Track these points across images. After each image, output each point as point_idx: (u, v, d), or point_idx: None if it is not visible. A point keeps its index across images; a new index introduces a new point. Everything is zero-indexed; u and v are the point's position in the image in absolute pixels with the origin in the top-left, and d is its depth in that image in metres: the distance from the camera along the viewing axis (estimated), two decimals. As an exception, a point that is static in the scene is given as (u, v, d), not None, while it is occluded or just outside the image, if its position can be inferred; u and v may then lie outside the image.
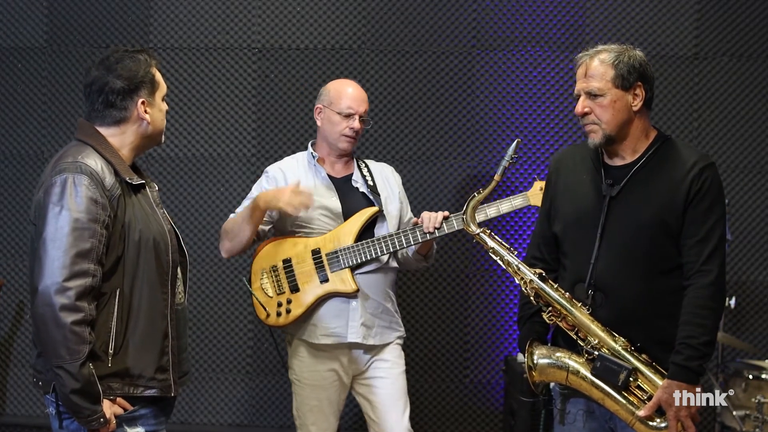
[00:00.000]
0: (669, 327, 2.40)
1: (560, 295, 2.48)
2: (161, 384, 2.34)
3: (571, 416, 2.56)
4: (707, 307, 2.37)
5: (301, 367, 3.15)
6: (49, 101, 4.31)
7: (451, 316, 4.20)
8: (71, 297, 2.15)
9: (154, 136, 2.45)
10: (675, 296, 2.42)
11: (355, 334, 3.10)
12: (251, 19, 4.24)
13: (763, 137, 4.13)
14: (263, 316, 3.12)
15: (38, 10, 4.30)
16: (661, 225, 2.41)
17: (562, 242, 2.58)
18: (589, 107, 2.47)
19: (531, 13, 4.15)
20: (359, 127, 3.21)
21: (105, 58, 2.38)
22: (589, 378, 2.42)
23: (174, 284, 2.41)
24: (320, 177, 3.23)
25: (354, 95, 3.22)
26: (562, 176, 2.63)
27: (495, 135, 4.17)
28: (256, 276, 3.16)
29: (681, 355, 2.34)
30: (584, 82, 2.48)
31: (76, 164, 2.25)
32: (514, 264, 2.56)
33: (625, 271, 2.44)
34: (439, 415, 4.21)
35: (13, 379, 4.33)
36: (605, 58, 2.46)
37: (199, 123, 4.25)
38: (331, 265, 3.11)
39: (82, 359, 2.16)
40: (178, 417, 4.25)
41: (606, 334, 2.42)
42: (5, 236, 4.33)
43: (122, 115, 2.36)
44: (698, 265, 2.39)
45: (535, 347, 2.54)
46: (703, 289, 2.38)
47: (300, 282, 3.11)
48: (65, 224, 2.19)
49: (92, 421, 2.20)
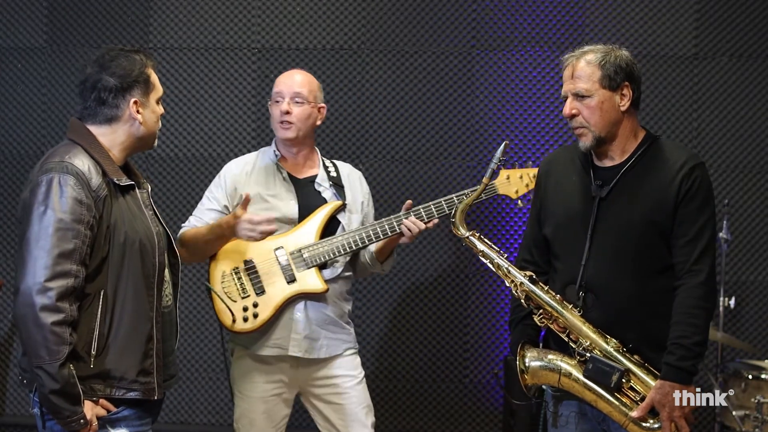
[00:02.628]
0: (661, 327, 2.39)
1: (551, 297, 2.47)
2: (144, 387, 2.32)
3: (564, 419, 2.55)
4: (699, 306, 2.36)
5: (243, 378, 3.00)
6: (48, 101, 4.31)
7: (450, 316, 4.20)
8: (52, 297, 2.14)
9: (146, 139, 2.42)
10: (666, 296, 2.41)
11: (297, 347, 2.94)
12: (251, 19, 4.24)
13: (763, 137, 4.13)
14: (229, 323, 2.90)
15: (38, 10, 4.30)
16: (651, 225, 2.40)
17: (553, 244, 2.57)
18: (576, 109, 2.45)
19: (531, 13, 4.15)
20: (287, 109, 2.97)
21: (101, 56, 2.37)
22: (581, 380, 2.41)
23: (161, 287, 2.39)
24: (279, 178, 3.05)
25: (281, 79, 3.05)
26: (551, 178, 2.61)
27: (495, 135, 4.17)
28: (216, 279, 2.94)
29: (673, 356, 2.33)
30: (571, 83, 2.46)
31: (63, 164, 2.24)
32: (504, 267, 2.55)
33: (615, 272, 2.43)
34: (439, 415, 4.21)
35: (13, 379, 4.33)
36: (592, 59, 2.44)
37: (199, 123, 4.25)
38: (297, 265, 2.95)
39: (62, 360, 2.15)
40: (178, 417, 4.25)
41: (597, 336, 2.41)
42: (5, 236, 4.34)
43: (113, 113, 2.34)
44: (689, 265, 2.38)
45: (527, 350, 2.53)
46: (695, 288, 2.37)
47: (265, 284, 2.93)
48: (49, 224, 2.18)
49: (72, 422, 2.19)
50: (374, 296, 4.20)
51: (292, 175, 3.07)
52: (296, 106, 3.00)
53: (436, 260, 4.18)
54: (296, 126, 3.00)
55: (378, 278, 4.18)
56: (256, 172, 3.07)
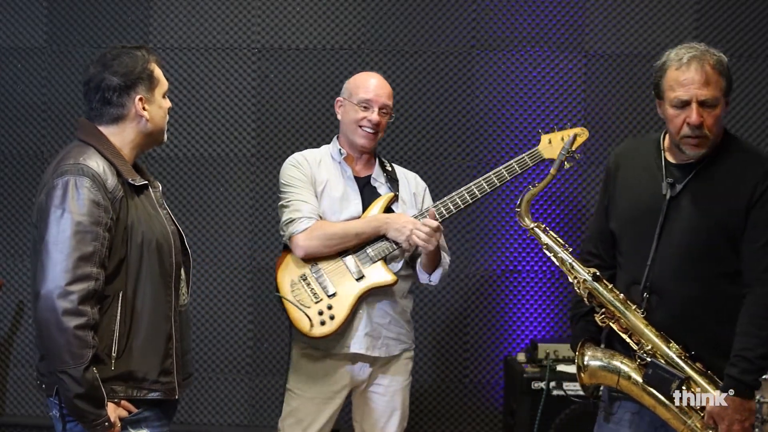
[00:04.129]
0: (726, 333, 2.30)
1: (614, 297, 2.41)
2: (165, 387, 2.32)
3: (617, 417, 2.50)
4: (765, 317, 2.27)
5: (298, 377, 3.01)
6: (48, 101, 4.31)
7: (451, 316, 4.19)
8: (74, 301, 2.12)
9: (155, 134, 2.41)
10: (732, 302, 2.32)
11: (358, 344, 2.95)
12: (251, 19, 4.24)
13: (763, 137, 4.12)
14: (307, 329, 2.90)
15: (38, 10, 4.30)
16: (720, 228, 2.32)
17: (619, 240, 2.50)
18: (703, 118, 2.32)
19: (531, 13, 4.15)
20: (378, 120, 3.00)
21: (102, 55, 2.36)
22: (640, 384, 2.35)
23: (178, 286, 2.39)
24: (346, 176, 3.07)
25: (375, 85, 3.04)
26: (621, 171, 2.53)
27: (495, 135, 4.17)
28: (285, 289, 2.95)
29: (736, 368, 2.25)
30: (703, 90, 2.30)
31: (78, 166, 2.22)
32: (568, 262, 2.49)
33: (681, 274, 2.36)
34: (439, 415, 4.21)
35: (13, 379, 4.32)
36: (716, 65, 2.32)
37: (199, 123, 4.25)
38: (363, 261, 2.97)
39: (86, 363, 2.14)
40: (178, 417, 4.23)
41: (660, 340, 2.35)
42: (5, 236, 4.33)
43: (119, 112, 2.33)
44: (758, 273, 2.29)
45: (587, 348, 2.46)
46: (762, 298, 2.28)
47: (335, 285, 2.94)
48: (67, 227, 2.16)
49: (97, 425, 2.18)
50: (374, 296, 4.20)
51: (355, 175, 3.09)
52: (384, 117, 3.04)
53: (436, 260, 4.19)
54: (378, 136, 3.06)
55: (378, 278, 4.18)
56: (324, 167, 3.07)
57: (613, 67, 4.14)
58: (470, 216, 4.16)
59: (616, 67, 4.14)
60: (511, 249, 4.15)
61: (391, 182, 3.10)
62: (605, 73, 4.14)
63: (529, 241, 4.14)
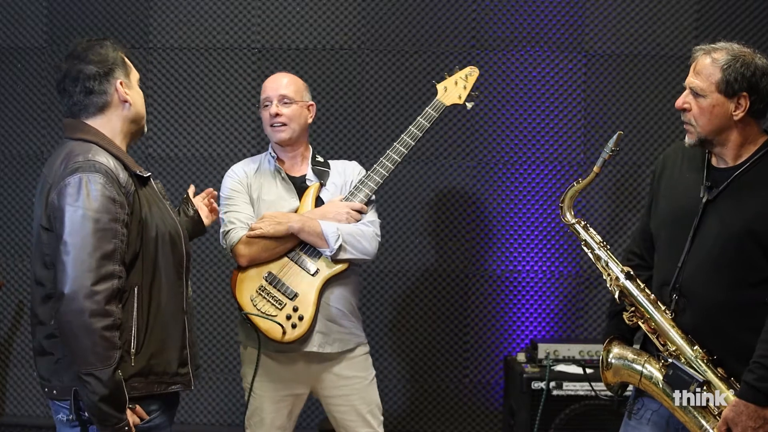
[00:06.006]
0: (751, 341, 2.28)
1: (645, 297, 2.41)
2: (183, 379, 2.30)
3: (639, 414, 2.51)
4: None
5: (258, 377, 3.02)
6: (49, 101, 4.31)
7: (451, 316, 4.19)
8: (101, 302, 2.07)
9: (138, 121, 2.38)
10: (760, 311, 2.29)
11: (311, 342, 2.97)
12: (251, 19, 4.24)
13: (763, 137, 4.12)
14: (280, 336, 2.92)
15: (38, 10, 4.30)
16: (751, 235, 2.29)
17: (656, 241, 2.50)
18: (688, 104, 2.36)
19: (531, 13, 4.15)
20: (277, 111, 3.06)
21: (72, 50, 2.34)
22: (661, 385, 2.36)
23: (188, 276, 2.37)
24: (280, 178, 3.13)
25: (269, 81, 3.14)
26: (666, 172, 2.53)
27: (495, 135, 4.17)
28: (248, 305, 2.97)
29: (752, 375, 2.23)
30: (691, 77, 2.36)
31: (90, 163, 2.17)
32: (604, 259, 2.49)
33: (710, 279, 2.34)
34: (439, 415, 4.21)
35: (13, 379, 4.33)
36: (718, 59, 2.32)
37: (199, 123, 4.25)
38: (311, 256, 3.00)
39: (114, 365, 2.09)
40: (178, 417, 4.23)
41: (685, 342, 2.34)
42: (5, 236, 4.33)
43: (103, 100, 2.30)
44: None
45: (613, 346, 2.47)
46: None
47: (294, 286, 2.98)
48: (86, 226, 2.10)
49: (119, 429, 2.13)
50: (374, 296, 4.20)
51: (290, 176, 3.14)
52: (285, 107, 3.08)
53: (436, 260, 4.18)
54: (289, 127, 3.09)
55: (378, 278, 4.18)
56: (260, 174, 3.14)
57: (613, 67, 4.14)
58: (470, 216, 4.16)
59: (616, 67, 4.14)
60: (510, 249, 4.15)
61: (320, 175, 3.14)
62: (605, 73, 4.14)
63: (529, 241, 4.14)
